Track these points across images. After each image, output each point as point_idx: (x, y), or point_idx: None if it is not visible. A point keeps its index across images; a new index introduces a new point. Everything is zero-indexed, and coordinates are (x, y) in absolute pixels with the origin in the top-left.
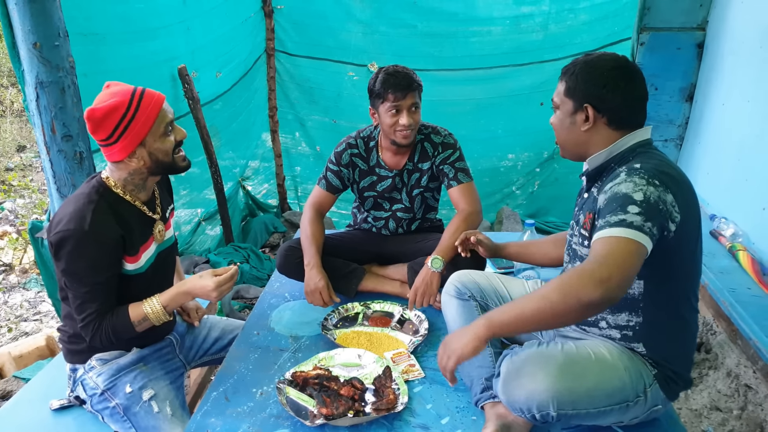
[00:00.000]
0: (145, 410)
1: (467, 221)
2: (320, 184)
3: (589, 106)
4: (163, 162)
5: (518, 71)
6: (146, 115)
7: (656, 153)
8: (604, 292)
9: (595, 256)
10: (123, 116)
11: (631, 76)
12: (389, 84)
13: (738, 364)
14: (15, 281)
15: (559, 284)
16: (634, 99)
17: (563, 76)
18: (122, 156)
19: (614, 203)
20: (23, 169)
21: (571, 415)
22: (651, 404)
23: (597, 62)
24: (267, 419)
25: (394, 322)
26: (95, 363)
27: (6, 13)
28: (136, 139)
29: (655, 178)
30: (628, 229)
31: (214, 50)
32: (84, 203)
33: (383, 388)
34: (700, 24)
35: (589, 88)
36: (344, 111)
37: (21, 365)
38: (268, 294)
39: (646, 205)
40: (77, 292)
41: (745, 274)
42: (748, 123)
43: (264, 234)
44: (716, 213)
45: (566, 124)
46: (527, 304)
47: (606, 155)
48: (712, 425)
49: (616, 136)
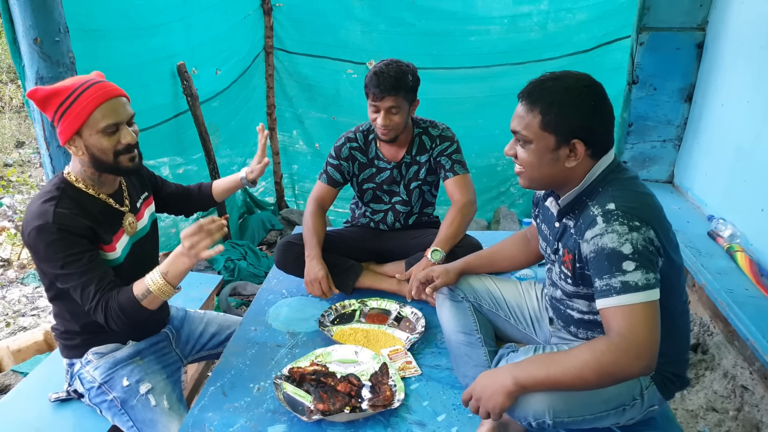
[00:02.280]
0: (142, 403)
1: (462, 212)
2: (321, 179)
3: (577, 141)
4: (101, 159)
5: (516, 70)
6: (83, 106)
7: (624, 177)
8: (644, 367)
9: (619, 330)
10: (63, 101)
11: (605, 94)
12: (372, 82)
13: (735, 365)
14: (13, 276)
15: (594, 363)
16: (612, 119)
17: (533, 106)
18: (62, 141)
19: (605, 262)
20: (21, 165)
21: (568, 422)
22: (648, 405)
23: (576, 87)
24: (264, 414)
25: (391, 319)
26: (92, 357)
27: (7, 8)
28: (71, 126)
29: (634, 219)
30: (638, 293)
31: (214, 47)
32: (44, 201)
33: (380, 385)
34: (700, 24)
35: (577, 120)
36: (343, 108)
37: (19, 359)
38: (266, 290)
39: (638, 256)
40: (73, 282)
41: (743, 275)
42: (747, 124)
43: (261, 231)
44: (714, 214)
45: (546, 161)
46: (557, 374)
47: (578, 190)
48: (708, 426)
49: (593, 164)
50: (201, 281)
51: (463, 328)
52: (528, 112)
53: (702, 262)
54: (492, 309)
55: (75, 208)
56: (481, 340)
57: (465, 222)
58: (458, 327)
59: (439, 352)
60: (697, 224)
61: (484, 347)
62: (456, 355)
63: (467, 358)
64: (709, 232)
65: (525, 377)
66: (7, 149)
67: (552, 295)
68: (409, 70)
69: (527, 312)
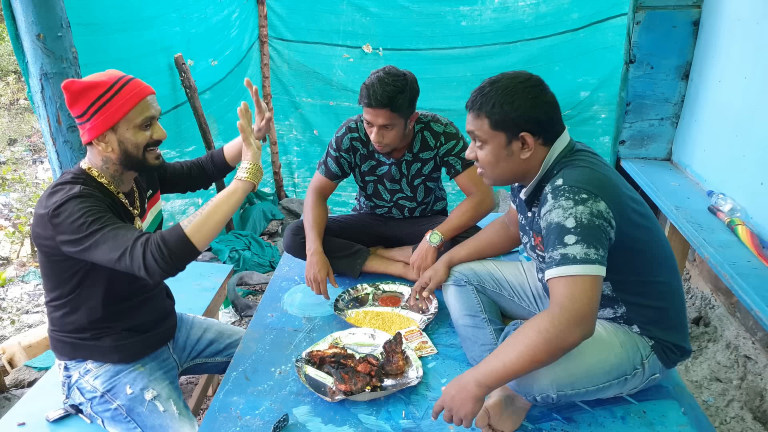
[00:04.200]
0: (150, 410)
1: (477, 208)
2: (320, 170)
3: (525, 134)
4: (132, 155)
5: (507, 49)
6: (124, 100)
7: (578, 157)
8: (583, 332)
9: (560, 301)
10: (101, 95)
11: (543, 85)
12: (364, 95)
13: (737, 335)
14: (14, 274)
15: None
16: (556, 108)
17: (479, 111)
18: (92, 136)
19: (551, 235)
20: (15, 162)
21: (571, 395)
22: (649, 374)
23: (511, 85)
24: (287, 396)
25: (404, 301)
26: (91, 366)
27: (9, 4)
28: (108, 121)
29: (581, 191)
30: (575, 266)
31: (209, 38)
32: (69, 184)
33: (392, 354)
34: (696, 2)
35: (520, 114)
36: (340, 93)
37: (31, 355)
38: (279, 277)
39: (581, 230)
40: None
41: (745, 247)
42: (745, 99)
43: (263, 221)
44: (714, 189)
45: (502, 157)
46: (513, 363)
47: (537, 179)
48: (712, 396)
49: (547, 150)
50: (212, 271)
51: (468, 311)
52: (476, 118)
53: (704, 237)
54: (495, 290)
55: (100, 193)
56: (486, 320)
57: (478, 217)
58: (464, 310)
59: (453, 332)
60: (697, 200)
61: (489, 326)
62: (464, 337)
63: (474, 339)
64: (709, 207)
65: (485, 377)
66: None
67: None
68: (406, 85)
69: (530, 290)
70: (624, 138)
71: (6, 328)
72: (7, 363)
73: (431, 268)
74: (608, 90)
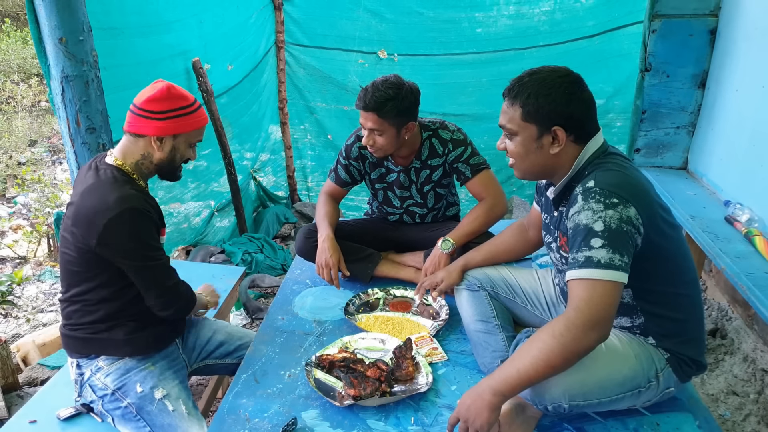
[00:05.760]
0: (159, 409)
1: (489, 213)
2: (330, 177)
3: (557, 128)
4: (171, 162)
5: (521, 54)
6: (196, 119)
7: (611, 160)
8: (598, 336)
9: (577, 304)
10: (186, 106)
11: (582, 82)
12: (359, 97)
13: (754, 348)
14: (30, 273)
15: (558, 347)
16: (592, 107)
17: (514, 100)
18: (156, 132)
19: (578, 236)
20: (34, 163)
21: (584, 405)
22: (663, 387)
23: (550, 78)
24: (296, 400)
25: (415, 307)
26: (102, 363)
27: (32, 9)
28: (177, 128)
29: (612, 196)
30: (597, 270)
31: (226, 43)
32: (120, 184)
33: (402, 359)
34: (713, 10)
35: (554, 107)
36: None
37: (45, 353)
38: (290, 280)
39: (608, 234)
40: (156, 264)
41: (762, 258)
42: (762, 108)
43: (276, 224)
44: (731, 199)
45: (532, 149)
46: (528, 369)
47: (568, 177)
48: (729, 409)
49: (579, 150)
50: (224, 273)
51: (480, 316)
52: (510, 107)
53: (720, 247)
54: (509, 296)
55: (144, 195)
56: (498, 326)
57: (490, 222)
58: (476, 315)
59: (464, 338)
60: (714, 209)
61: (501, 333)
62: (475, 343)
63: (486, 344)
64: (726, 217)
65: (500, 384)
66: (21, 148)
67: (560, 282)
68: (399, 95)
69: (543, 297)
70: (639, 146)
71: (21, 326)
72: (21, 361)
73: (445, 269)
74: (624, 98)
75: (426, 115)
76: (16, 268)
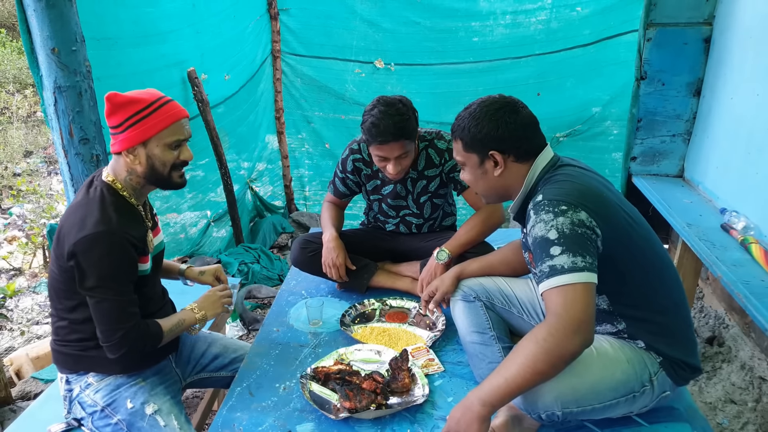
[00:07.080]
0: (150, 425)
1: (486, 222)
2: (330, 189)
3: (493, 152)
4: (158, 172)
5: (517, 63)
6: (160, 119)
7: (561, 171)
8: (582, 340)
9: (555, 310)
10: (139, 111)
11: (514, 108)
12: (373, 135)
13: (752, 356)
14: (25, 285)
15: (542, 353)
16: (526, 127)
17: (455, 135)
18: (123, 147)
19: (538, 249)
20: (30, 174)
21: (577, 412)
22: (659, 392)
23: (479, 110)
24: (291, 413)
25: (411, 317)
26: (92, 380)
27: (24, 19)
28: (141, 135)
29: (560, 204)
30: (564, 275)
31: (223, 53)
32: (104, 205)
33: (398, 371)
34: (707, 19)
35: (485, 134)
36: (352, 107)
37: (38, 366)
38: (285, 291)
39: (564, 240)
40: (112, 301)
41: (759, 266)
42: (757, 116)
43: (272, 234)
44: (726, 207)
45: (479, 175)
46: (516, 377)
47: (521, 197)
48: (727, 418)
49: (527, 168)
50: None
51: (476, 327)
52: (455, 142)
53: (716, 255)
54: (505, 306)
55: (127, 215)
56: (494, 337)
57: (486, 232)
58: (472, 327)
59: (461, 349)
60: (710, 217)
61: (498, 344)
62: (471, 354)
63: (482, 356)
64: (722, 225)
65: (488, 395)
66: (16, 159)
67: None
68: (408, 110)
69: (539, 308)
70: (635, 154)
71: (16, 339)
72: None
73: (438, 278)
74: (620, 105)
75: (423, 124)
76: (11, 280)
